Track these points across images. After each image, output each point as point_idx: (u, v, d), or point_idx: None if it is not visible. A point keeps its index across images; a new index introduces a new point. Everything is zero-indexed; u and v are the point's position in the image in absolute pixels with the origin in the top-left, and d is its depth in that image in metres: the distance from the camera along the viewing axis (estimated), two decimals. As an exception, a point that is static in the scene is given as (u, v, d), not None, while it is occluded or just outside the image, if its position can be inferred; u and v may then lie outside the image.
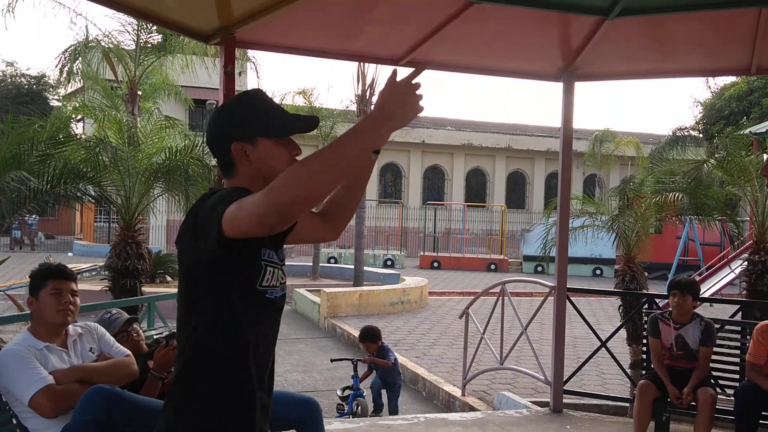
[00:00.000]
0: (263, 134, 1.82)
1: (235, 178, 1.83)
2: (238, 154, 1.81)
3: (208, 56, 14.88)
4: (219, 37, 4.76)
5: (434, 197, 33.54)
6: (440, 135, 33.50)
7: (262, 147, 1.82)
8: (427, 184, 34.54)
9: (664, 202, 7.20)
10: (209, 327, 1.77)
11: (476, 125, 36.16)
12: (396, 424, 5.24)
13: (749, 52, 5.05)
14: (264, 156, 1.82)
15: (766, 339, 4.30)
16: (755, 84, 24.70)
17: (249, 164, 1.81)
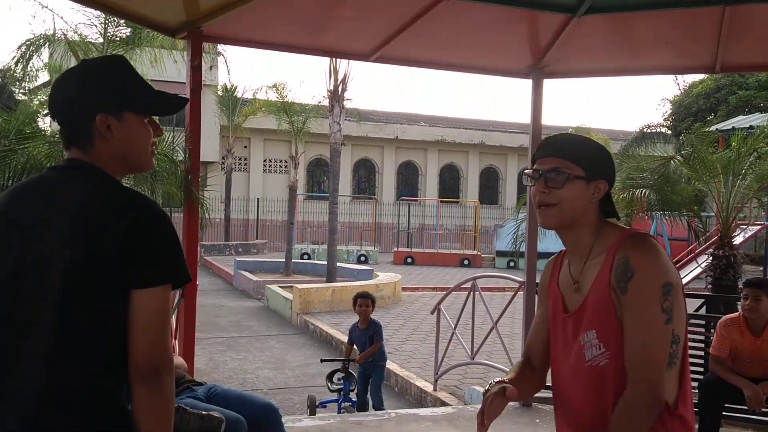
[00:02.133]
0: (133, 108, 1.60)
1: (88, 153, 1.58)
2: (102, 126, 1.56)
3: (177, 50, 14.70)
4: (185, 31, 4.71)
5: (408, 193, 33.59)
6: (414, 131, 33.54)
7: (129, 123, 1.59)
8: (401, 180, 34.57)
9: (632, 198, 7.29)
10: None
11: (450, 121, 36.26)
12: (367, 420, 5.24)
13: (713, 50, 5.13)
14: (129, 134, 1.59)
15: (730, 333, 4.38)
16: (722, 81, 25.12)
17: (111, 141, 1.57)
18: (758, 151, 7.29)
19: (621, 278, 1.68)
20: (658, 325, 1.64)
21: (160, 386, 1.48)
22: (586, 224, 1.80)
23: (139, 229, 1.48)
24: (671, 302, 1.65)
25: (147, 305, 1.47)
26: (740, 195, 7.13)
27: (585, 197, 1.78)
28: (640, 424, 1.62)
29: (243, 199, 30.17)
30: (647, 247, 1.69)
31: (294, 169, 20.65)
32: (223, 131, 27.87)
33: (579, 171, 1.77)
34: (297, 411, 7.02)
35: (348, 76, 16.44)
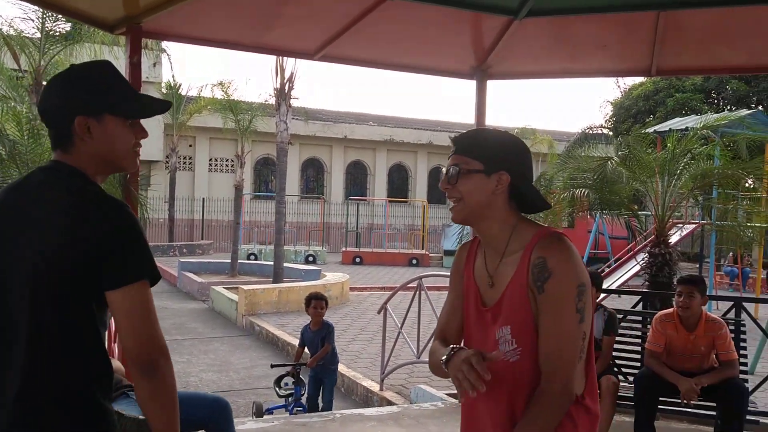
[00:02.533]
0: (112, 111, 1.67)
1: (70, 154, 1.66)
2: (81, 129, 1.64)
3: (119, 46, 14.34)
4: (124, 26, 4.59)
5: (357, 192, 33.59)
6: (363, 130, 33.56)
7: (109, 125, 1.67)
8: (350, 180, 34.54)
9: (573, 198, 7.44)
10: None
11: (399, 121, 36.42)
12: (312, 421, 5.21)
13: (649, 54, 5.28)
14: (108, 136, 1.67)
15: (664, 328, 4.51)
16: (660, 84, 25.91)
17: (91, 142, 1.65)
18: (692, 152, 7.55)
19: (538, 278, 1.73)
20: (573, 325, 1.71)
21: (158, 375, 1.56)
22: (496, 218, 1.84)
23: (114, 232, 1.56)
24: (584, 302, 1.72)
25: (127, 303, 1.55)
26: (676, 194, 7.36)
27: (487, 190, 1.81)
28: (551, 418, 1.70)
29: (188, 199, 29.66)
30: (563, 248, 1.74)
31: (240, 169, 20.39)
32: (168, 129, 27.35)
33: (477, 165, 1.81)
34: (242, 414, 6.94)
35: (295, 75, 16.37)
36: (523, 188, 1.84)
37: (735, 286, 18.65)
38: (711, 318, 4.49)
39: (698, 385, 4.27)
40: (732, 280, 19.42)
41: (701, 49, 5.52)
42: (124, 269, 1.55)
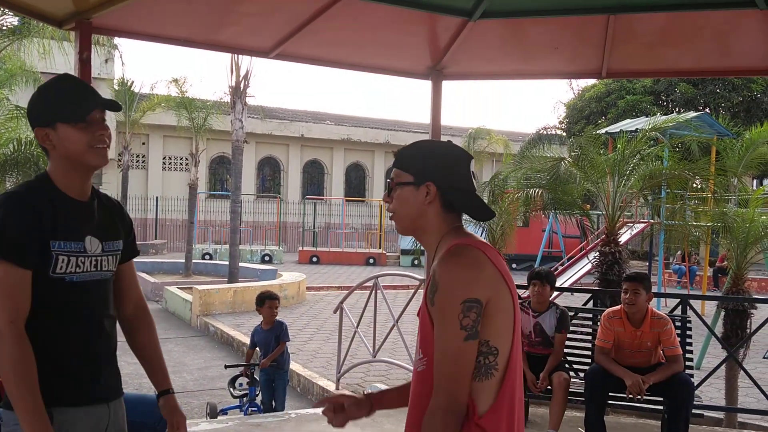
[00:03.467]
0: (61, 120, 1.96)
1: (50, 161, 2.01)
2: (43, 139, 1.98)
3: (68, 41, 13.99)
4: (73, 21, 4.47)
5: (314, 192, 33.44)
6: (320, 129, 33.42)
7: (62, 132, 1.97)
8: (307, 179, 34.37)
9: (527, 198, 7.56)
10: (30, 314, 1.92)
11: (356, 120, 36.37)
12: (266, 421, 5.18)
13: (600, 56, 5.38)
14: (63, 140, 1.97)
15: (612, 325, 4.62)
16: (612, 86, 26.47)
17: (53, 148, 1.98)
18: (641, 153, 7.74)
19: (430, 291, 1.71)
20: (455, 342, 1.64)
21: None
22: (430, 229, 1.84)
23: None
24: (472, 319, 1.64)
25: None
26: (626, 194, 7.53)
27: (417, 202, 1.81)
28: (437, 427, 1.64)
29: (141, 198, 29.12)
30: (456, 260, 1.69)
31: (195, 167, 20.11)
32: (120, 127, 26.73)
33: (408, 177, 1.83)
34: (195, 415, 6.85)
35: (251, 73, 16.25)
36: (453, 198, 1.81)
37: (683, 283, 19.17)
38: (656, 314, 4.61)
39: (646, 382, 4.39)
40: (680, 277, 19.97)
41: (650, 52, 5.66)
42: None
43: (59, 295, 1.98)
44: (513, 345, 1.73)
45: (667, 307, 12.09)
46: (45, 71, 18.32)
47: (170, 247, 27.55)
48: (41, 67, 17.03)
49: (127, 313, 2.38)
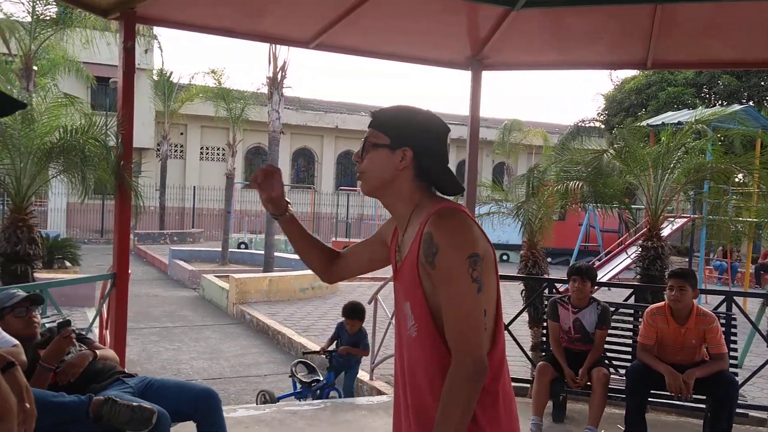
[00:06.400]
0: None
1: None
2: None
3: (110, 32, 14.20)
4: (118, 11, 4.55)
5: (347, 183, 33.51)
6: (354, 120, 33.43)
7: None
8: (340, 170, 34.47)
9: (567, 190, 7.45)
10: None
11: (390, 111, 36.26)
12: (302, 410, 5.21)
13: (645, 47, 5.28)
14: None
15: (656, 321, 4.53)
16: (652, 78, 25.92)
17: None
18: (686, 146, 7.56)
19: (427, 254, 1.68)
20: (471, 296, 1.64)
21: None
22: (400, 194, 1.81)
23: None
24: (479, 272, 1.65)
25: None
26: (668, 188, 7.37)
27: (391, 165, 1.79)
28: (468, 393, 1.63)
29: (179, 187, 29.52)
30: (450, 220, 1.69)
31: (232, 157, 20.29)
32: (159, 117, 27.16)
33: (384, 139, 1.80)
34: (232, 401, 6.93)
35: (288, 63, 16.25)
36: (429, 166, 1.80)
37: (724, 280, 18.77)
38: (702, 311, 4.51)
39: (690, 378, 4.30)
40: (721, 274, 19.55)
41: (696, 43, 5.54)
42: None
43: None
44: (498, 306, 1.76)
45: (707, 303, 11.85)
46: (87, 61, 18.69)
47: (207, 236, 27.89)
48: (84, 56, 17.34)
49: None
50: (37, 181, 5.28)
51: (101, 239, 25.49)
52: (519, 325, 6.63)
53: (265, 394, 6.15)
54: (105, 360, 3.55)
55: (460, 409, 1.63)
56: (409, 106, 1.88)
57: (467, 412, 1.64)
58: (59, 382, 3.30)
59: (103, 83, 22.73)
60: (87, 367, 3.39)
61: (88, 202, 26.12)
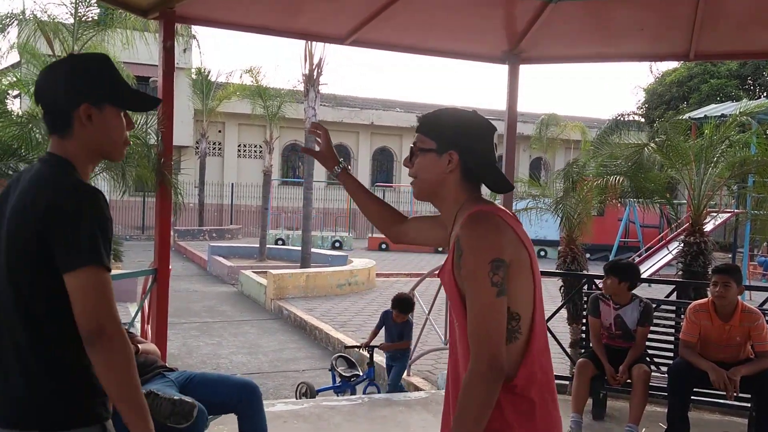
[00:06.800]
0: (112, 102, 1.75)
1: (66, 140, 1.72)
2: (84, 115, 1.70)
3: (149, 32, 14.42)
4: (158, 11, 4.60)
5: (383, 179, 33.54)
6: (389, 117, 33.43)
7: (108, 115, 1.74)
8: (376, 166, 34.50)
9: (606, 185, 7.33)
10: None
11: (426, 107, 36.06)
12: (340, 405, 5.24)
13: (688, 38, 5.16)
14: (106, 125, 1.74)
15: (699, 318, 4.44)
16: (694, 70, 25.34)
17: (90, 129, 1.72)
18: (730, 139, 7.37)
19: (457, 256, 1.75)
20: (489, 299, 1.67)
21: (99, 347, 1.58)
22: (448, 196, 1.88)
23: (55, 213, 1.59)
24: (501, 276, 1.68)
25: (74, 286, 1.58)
26: (712, 183, 7.20)
27: (438, 169, 1.85)
28: (481, 395, 1.66)
29: (217, 184, 29.88)
30: (476, 226, 1.73)
31: (269, 155, 20.47)
32: (197, 115, 27.53)
33: (431, 144, 1.86)
34: (271, 396, 7.00)
35: (324, 60, 16.31)
36: (475, 168, 1.85)
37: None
38: (747, 308, 4.40)
39: (735, 375, 4.20)
40: (766, 270, 19.05)
41: (741, 33, 5.38)
42: (65, 256, 1.58)
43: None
44: (535, 311, 1.76)
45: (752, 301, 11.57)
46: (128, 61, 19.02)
47: (245, 232, 28.21)
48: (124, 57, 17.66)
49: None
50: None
51: (142, 235, 25.96)
52: (558, 321, 6.55)
53: (304, 386, 6.22)
54: (147, 354, 3.61)
55: (474, 407, 1.65)
56: (453, 108, 1.93)
57: (483, 411, 1.66)
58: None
59: (143, 82, 23.10)
60: (130, 360, 3.44)
61: (129, 199, 26.61)
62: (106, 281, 1.60)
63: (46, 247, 1.59)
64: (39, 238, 1.59)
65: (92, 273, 1.58)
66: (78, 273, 1.57)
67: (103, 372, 1.60)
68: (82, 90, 1.71)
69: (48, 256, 1.59)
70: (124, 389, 1.61)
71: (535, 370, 1.75)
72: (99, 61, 1.80)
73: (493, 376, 1.65)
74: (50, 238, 1.58)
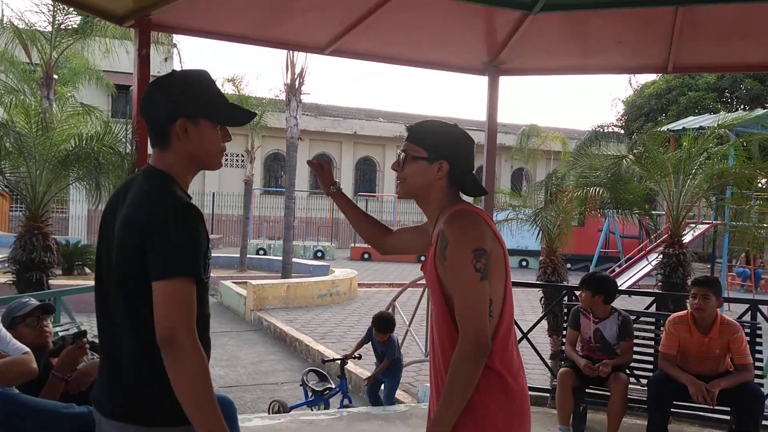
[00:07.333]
0: (207, 116, 1.86)
1: (166, 152, 1.85)
2: (180, 129, 1.83)
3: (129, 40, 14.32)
4: (133, 19, 4.55)
5: (366, 188, 33.51)
6: (372, 126, 33.44)
7: (203, 128, 1.86)
8: (359, 176, 34.46)
9: (586, 196, 7.35)
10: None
11: (408, 117, 36.21)
12: (318, 419, 5.16)
13: (666, 51, 5.19)
14: (202, 138, 1.86)
15: (678, 330, 4.43)
16: (673, 83, 25.64)
17: (186, 142, 1.84)
18: (708, 151, 7.43)
19: (441, 248, 1.97)
20: (473, 282, 1.90)
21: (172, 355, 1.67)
22: (433, 200, 2.11)
23: (150, 226, 1.71)
24: (484, 263, 1.91)
25: (156, 294, 1.69)
26: (690, 194, 7.24)
27: (429, 176, 2.08)
28: (470, 369, 1.88)
29: (198, 194, 29.64)
30: (460, 221, 1.97)
31: (250, 164, 20.35)
32: (178, 124, 27.30)
33: (422, 153, 2.08)
34: (248, 410, 6.90)
35: (306, 70, 16.30)
36: (462, 177, 2.09)
37: (747, 287, 18.47)
38: (726, 320, 4.40)
39: (714, 388, 4.19)
40: (744, 281, 19.25)
41: (719, 45, 5.43)
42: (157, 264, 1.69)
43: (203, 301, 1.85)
44: (506, 295, 2.00)
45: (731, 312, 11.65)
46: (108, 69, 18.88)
47: (226, 242, 28.01)
48: (105, 65, 17.51)
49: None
50: (53, 188, 5.29)
51: (121, 245, 25.62)
52: (538, 332, 6.54)
53: (277, 404, 6.11)
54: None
55: (463, 380, 1.88)
56: (440, 121, 2.18)
57: (470, 383, 1.89)
58: (71, 392, 3.28)
59: (123, 91, 22.93)
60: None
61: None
62: (188, 292, 1.70)
63: (145, 257, 1.70)
64: (139, 249, 1.71)
65: (175, 283, 1.68)
66: (162, 282, 1.67)
67: (172, 377, 1.68)
68: (178, 105, 1.83)
69: (147, 266, 1.71)
70: (190, 398, 1.68)
71: (504, 346, 1.99)
72: (197, 77, 1.90)
73: (479, 352, 1.87)
74: (147, 249, 1.70)
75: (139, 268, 1.71)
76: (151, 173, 1.84)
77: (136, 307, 1.74)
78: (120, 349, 1.79)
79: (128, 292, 1.76)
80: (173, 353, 1.67)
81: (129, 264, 1.74)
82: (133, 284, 1.74)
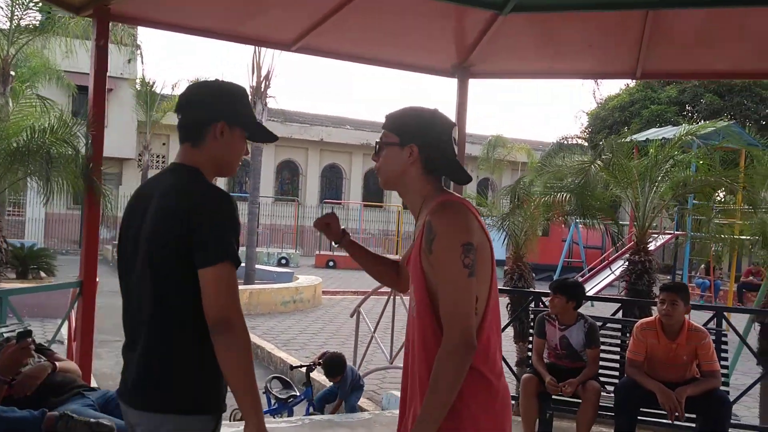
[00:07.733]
0: (243, 126, 2.00)
1: (197, 149, 1.96)
2: (218, 132, 1.95)
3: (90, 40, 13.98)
4: (91, 8, 4.36)
5: (332, 196, 33.33)
6: (339, 134, 33.31)
7: (236, 136, 1.99)
8: (325, 183, 34.27)
9: (553, 203, 7.33)
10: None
11: (375, 125, 36.16)
12: (279, 427, 4.99)
13: (635, 56, 5.18)
14: (233, 143, 1.98)
15: (646, 336, 4.38)
16: (636, 96, 26.07)
17: (219, 144, 1.95)
18: (674, 159, 7.47)
19: (427, 240, 1.89)
20: (462, 278, 1.82)
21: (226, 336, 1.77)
22: (412, 187, 2.03)
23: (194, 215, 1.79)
24: (472, 259, 1.84)
25: (207, 280, 1.77)
26: (656, 202, 7.26)
27: (400, 160, 2.01)
28: (455, 368, 1.81)
29: (160, 198, 29.16)
30: (449, 211, 1.89)
31: (214, 168, 19.98)
32: (141, 127, 26.82)
33: (394, 138, 2.02)
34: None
35: (272, 72, 16.08)
36: (435, 159, 1.99)
37: (706, 297, 18.75)
38: (694, 327, 4.37)
39: (681, 395, 4.14)
40: (703, 291, 19.55)
41: (686, 53, 5.45)
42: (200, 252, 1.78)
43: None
44: (491, 292, 1.92)
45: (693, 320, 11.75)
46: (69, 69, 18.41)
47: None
48: (66, 65, 17.08)
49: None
50: (4, 183, 5.05)
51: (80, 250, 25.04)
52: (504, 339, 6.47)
53: (239, 413, 5.93)
54: (65, 372, 3.34)
55: (449, 378, 1.80)
56: (415, 106, 2.08)
57: (456, 382, 1.81)
58: (15, 395, 3.08)
59: (84, 92, 22.39)
60: (46, 379, 3.18)
61: (66, 213, 25.68)
62: (233, 276, 1.80)
63: (187, 246, 1.78)
64: (182, 238, 1.78)
65: (224, 268, 1.77)
66: (213, 268, 1.76)
67: (226, 359, 1.76)
68: (224, 109, 1.97)
69: (188, 254, 1.78)
70: (242, 376, 1.78)
71: (487, 342, 1.91)
72: (242, 91, 2.07)
73: (465, 350, 1.81)
74: (192, 238, 1.78)
75: (174, 255, 1.79)
76: (180, 169, 1.94)
77: (168, 297, 1.81)
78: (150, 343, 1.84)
79: (161, 281, 1.81)
80: (227, 334, 1.75)
81: (168, 253, 1.80)
82: (169, 273, 1.81)
